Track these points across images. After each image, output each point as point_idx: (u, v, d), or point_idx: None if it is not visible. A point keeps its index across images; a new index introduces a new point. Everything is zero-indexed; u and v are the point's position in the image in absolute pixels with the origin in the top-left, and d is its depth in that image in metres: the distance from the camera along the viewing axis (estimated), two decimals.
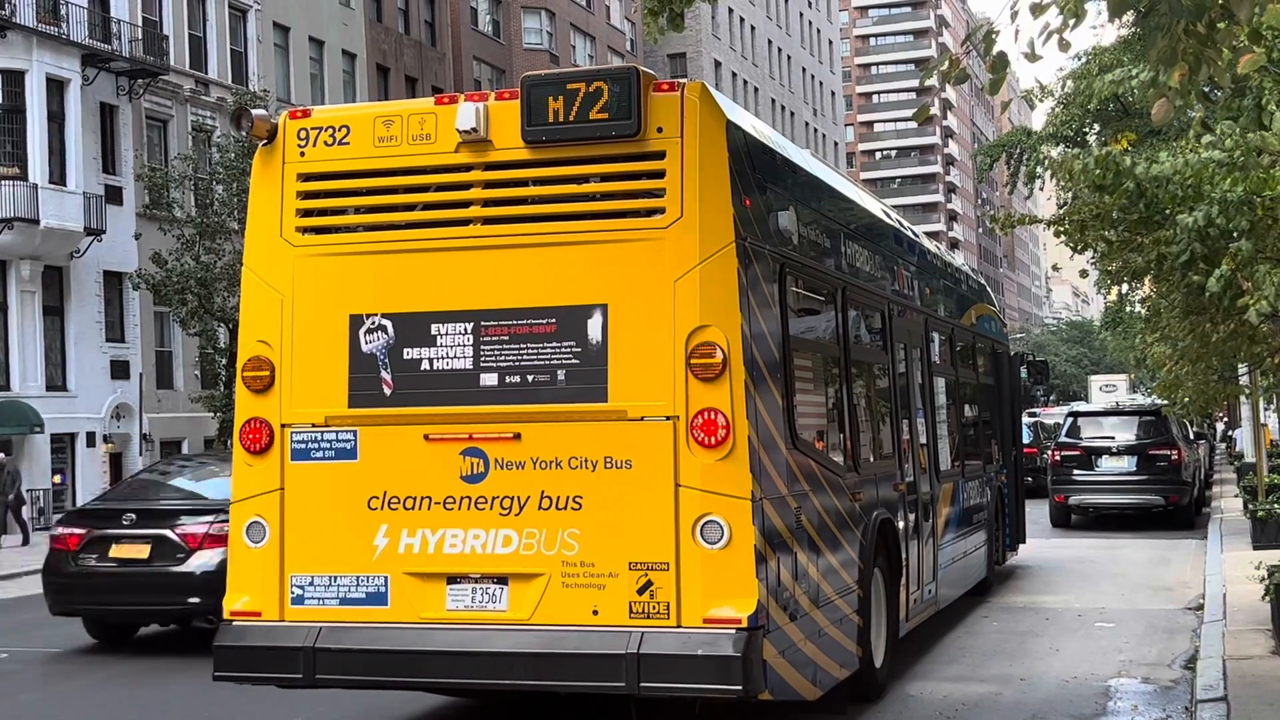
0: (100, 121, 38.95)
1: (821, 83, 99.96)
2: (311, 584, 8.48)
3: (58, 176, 36.43)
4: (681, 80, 8.30)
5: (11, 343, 36.02)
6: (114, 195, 38.89)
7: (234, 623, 8.62)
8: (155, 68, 40.01)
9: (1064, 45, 5.82)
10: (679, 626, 7.81)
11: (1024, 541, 19.18)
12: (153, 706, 11.37)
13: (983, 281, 18.98)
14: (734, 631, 7.70)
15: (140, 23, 40.14)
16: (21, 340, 36.09)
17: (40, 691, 12.17)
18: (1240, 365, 19.19)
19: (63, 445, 37.40)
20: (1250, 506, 21.06)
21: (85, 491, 37.73)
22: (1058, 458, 26.61)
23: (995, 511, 16.61)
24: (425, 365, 8.40)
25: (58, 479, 37.16)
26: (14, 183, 35.17)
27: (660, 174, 8.03)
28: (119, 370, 38.80)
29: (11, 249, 35.49)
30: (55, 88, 36.51)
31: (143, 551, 13.72)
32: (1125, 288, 25.14)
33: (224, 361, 33.97)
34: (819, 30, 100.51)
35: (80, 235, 36.77)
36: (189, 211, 35.65)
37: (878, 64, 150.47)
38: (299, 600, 8.49)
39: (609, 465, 8.02)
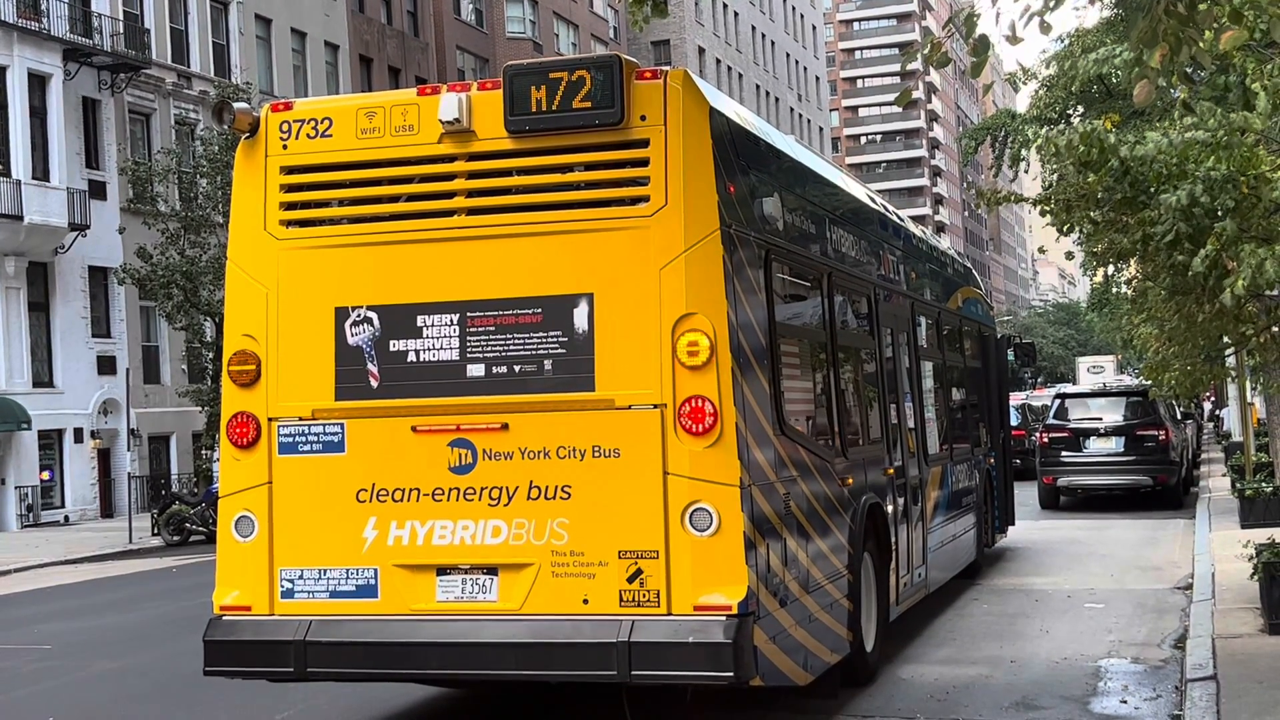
0: (83, 116, 38.82)
1: (806, 68, 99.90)
2: (301, 577, 8.47)
3: (41, 172, 36.31)
4: (664, 68, 8.28)
5: None
6: (98, 190, 38.77)
7: (224, 617, 8.60)
8: (137, 61, 39.88)
9: (1045, 28, 5.83)
10: (669, 614, 7.81)
11: (1013, 524, 19.22)
12: (143, 702, 11.36)
13: (969, 265, 19.00)
14: (724, 618, 7.70)
15: (121, 17, 39.98)
16: (7, 337, 35.98)
17: (31, 688, 12.15)
18: (1227, 346, 19.20)
19: (50, 442, 37.31)
20: (1238, 485, 21.11)
21: (73, 488, 37.69)
22: (1046, 439, 26.65)
23: (984, 494, 16.64)
24: (412, 357, 8.38)
25: (46, 475, 37.08)
26: None
27: (644, 162, 8.01)
28: (105, 366, 38.70)
29: None
30: (37, 83, 36.39)
31: None
32: (1111, 269, 25.19)
33: (210, 355, 33.88)
34: (802, 15, 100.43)
35: (64, 231, 36.68)
36: (173, 205, 35.53)
37: (862, 48, 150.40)
38: (289, 594, 8.48)
39: (597, 454, 8.01)
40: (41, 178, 36.22)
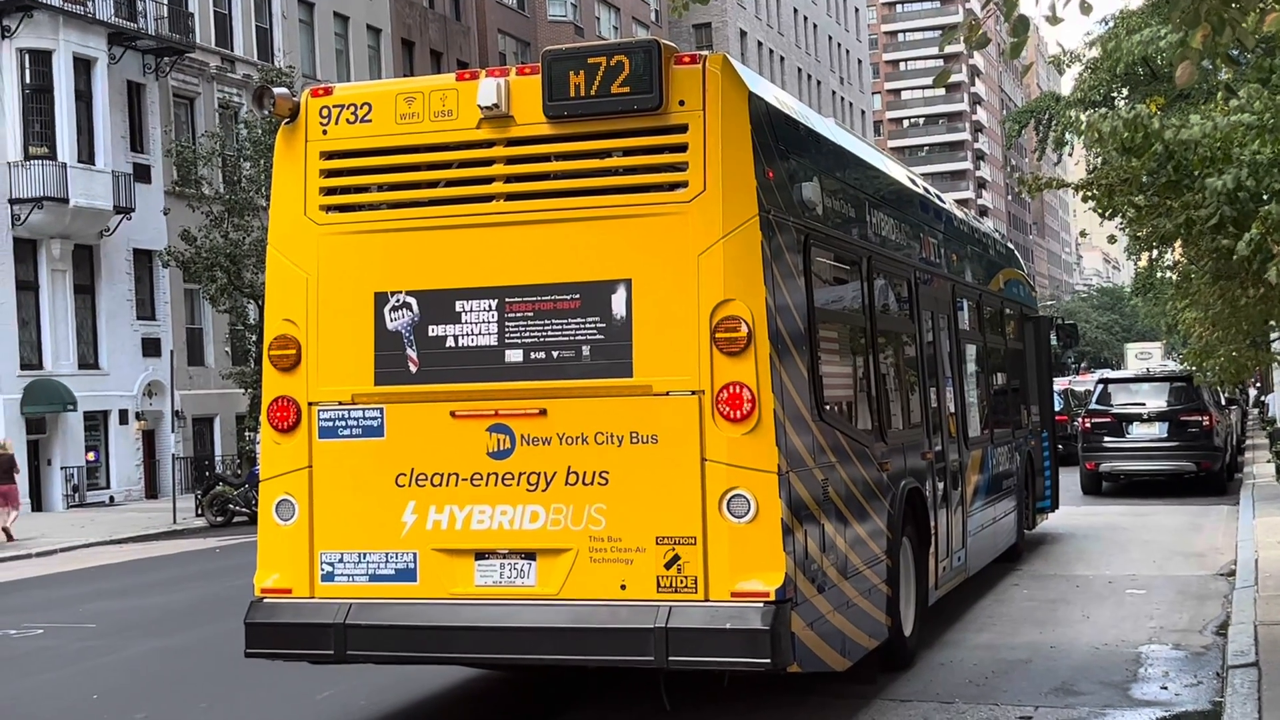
0: (127, 100, 39.09)
1: (848, 51, 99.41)
2: (341, 561, 8.52)
3: (86, 155, 36.58)
4: (703, 53, 8.25)
5: (44, 322, 36.26)
6: (142, 173, 39.05)
7: (264, 600, 8.66)
8: (181, 45, 40.10)
9: (1085, 8, 5.77)
10: (707, 600, 7.80)
11: (1057, 507, 19.09)
12: (185, 682, 11.46)
13: (1010, 246, 18.84)
14: (762, 605, 7.70)
15: (166, 0, 40.20)
16: (53, 319, 36.32)
17: (74, 666, 12.29)
18: (1273, 331, 19.03)
19: (96, 423, 37.66)
20: None
21: (118, 469, 38.03)
22: (1088, 425, 26.47)
23: (1025, 478, 16.54)
24: (450, 342, 8.40)
25: (91, 456, 37.45)
26: (43, 162, 35.35)
27: (683, 147, 7.98)
28: (150, 348, 39.02)
29: (42, 228, 35.69)
30: (82, 67, 36.63)
31: None
32: (1155, 253, 25.02)
33: (254, 338, 34.15)
34: None
35: (110, 214, 36.96)
36: (217, 188, 35.76)
37: (904, 31, 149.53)
38: (329, 577, 8.53)
39: (635, 440, 8.01)
40: (87, 161, 36.50)
